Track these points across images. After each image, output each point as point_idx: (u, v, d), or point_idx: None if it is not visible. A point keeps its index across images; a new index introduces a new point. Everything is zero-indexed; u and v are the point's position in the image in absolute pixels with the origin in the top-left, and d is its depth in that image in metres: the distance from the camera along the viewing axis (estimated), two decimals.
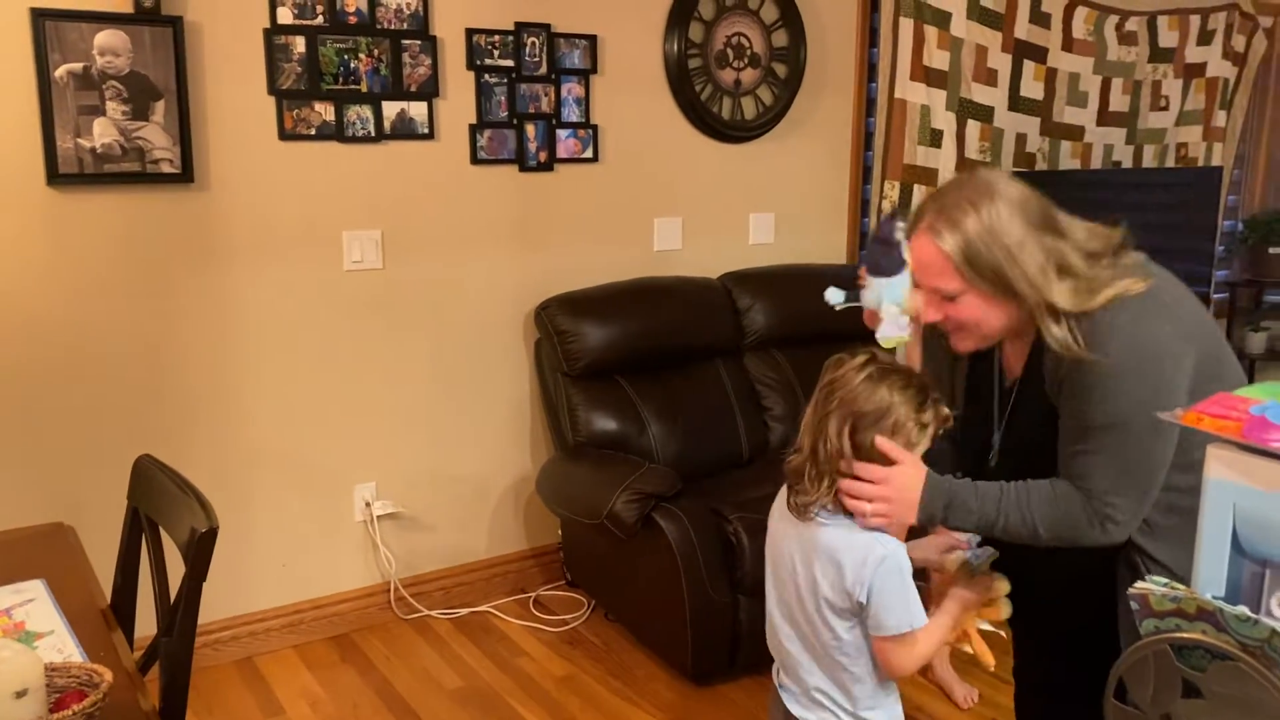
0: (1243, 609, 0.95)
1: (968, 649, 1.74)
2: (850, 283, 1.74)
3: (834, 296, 1.74)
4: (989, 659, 1.73)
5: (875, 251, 1.65)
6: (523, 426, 3.43)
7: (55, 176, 2.59)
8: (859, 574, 1.54)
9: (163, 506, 1.82)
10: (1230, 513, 1.07)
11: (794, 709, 1.69)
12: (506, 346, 3.35)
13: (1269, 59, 4.94)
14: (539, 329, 3.29)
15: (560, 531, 3.46)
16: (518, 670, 2.97)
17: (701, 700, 2.82)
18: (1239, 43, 4.78)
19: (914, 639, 1.57)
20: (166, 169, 2.72)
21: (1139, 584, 1.02)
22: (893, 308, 1.63)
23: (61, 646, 1.58)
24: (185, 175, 2.74)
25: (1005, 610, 1.72)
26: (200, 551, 1.63)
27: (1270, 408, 1.11)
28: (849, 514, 1.58)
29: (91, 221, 2.67)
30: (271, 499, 3.04)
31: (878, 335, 1.68)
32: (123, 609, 1.91)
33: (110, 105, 2.62)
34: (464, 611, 3.31)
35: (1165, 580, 1.01)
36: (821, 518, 1.59)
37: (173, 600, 1.71)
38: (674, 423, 3.26)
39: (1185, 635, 0.97)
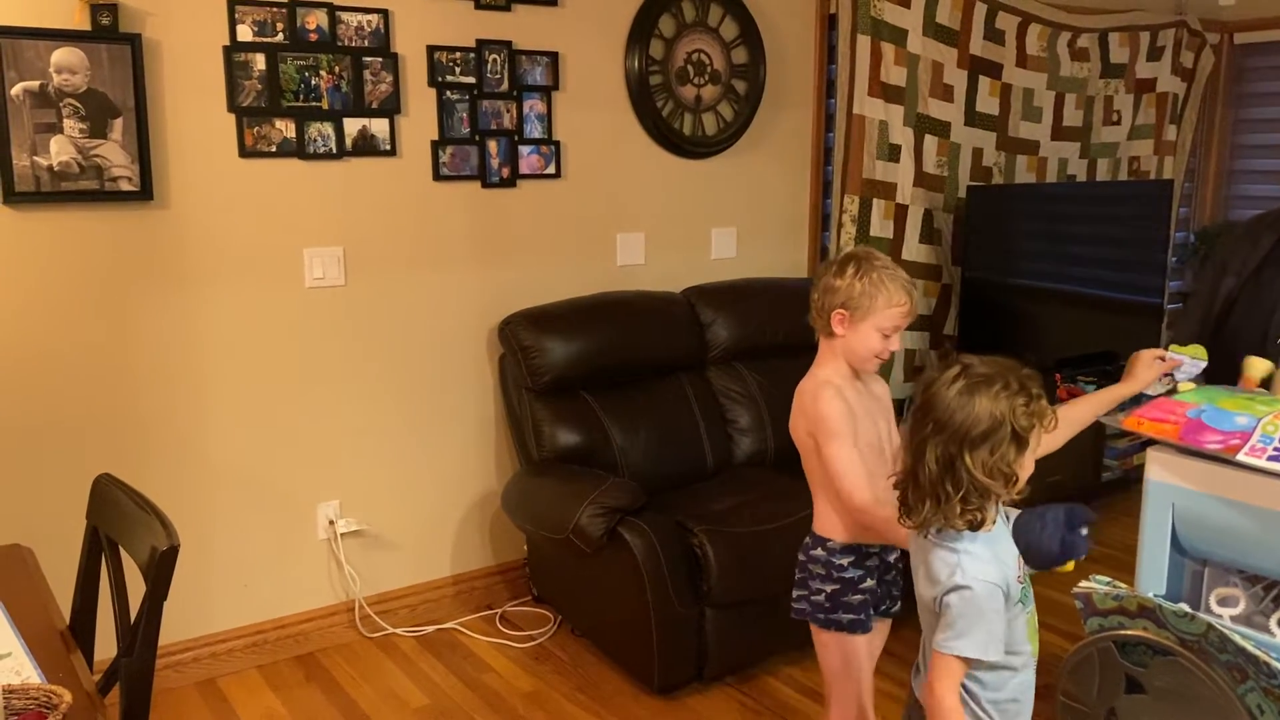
0: (1182, 605, 0.97)
1: None
2: None
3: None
4: None
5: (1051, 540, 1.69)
6: (487, 442, 3.43)
7: (11, 195, 2.57)
8: (938, 588, 1.56)
9: (123, 525, 1.81)
10: (1169, 513, 1.10)
11: (916, 689, 1.74)
12: (470, 362, 3.36)
13: (1216, 74, 5.07)
14: (503, 344, 3.30)
15: (526, 547, 3.46)
16: (484, 687, 2.97)
17: (669, 714, 2.83)
18: (1188, 59, 4.90)
19: (952, 669, 1.52)
20: (125, 187, 2.70)
21: (1083, 583, 1.04)
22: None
23: (19, 669, 1.56)
24: (144, 193, 2.73)
25: None
26: (161, 570, 1.63)
27: (1206, 411, 1.15)
28: (958, 533, 1.54)
29: (49, 240, 2.65)
30: (233, 518, 3.02)
31: (1177, 374, 1.96)
32: (82, 630, 1.89)
33: (68, 123, 2.61)
34: (430, 629, 3.30)
35: (1108, 579, 1.04)
36: (931, 537, 1.58)
37: (133, 620, 1.70)
38: (638, 437, 3.28)
39: (1128, 632, 0.99)
